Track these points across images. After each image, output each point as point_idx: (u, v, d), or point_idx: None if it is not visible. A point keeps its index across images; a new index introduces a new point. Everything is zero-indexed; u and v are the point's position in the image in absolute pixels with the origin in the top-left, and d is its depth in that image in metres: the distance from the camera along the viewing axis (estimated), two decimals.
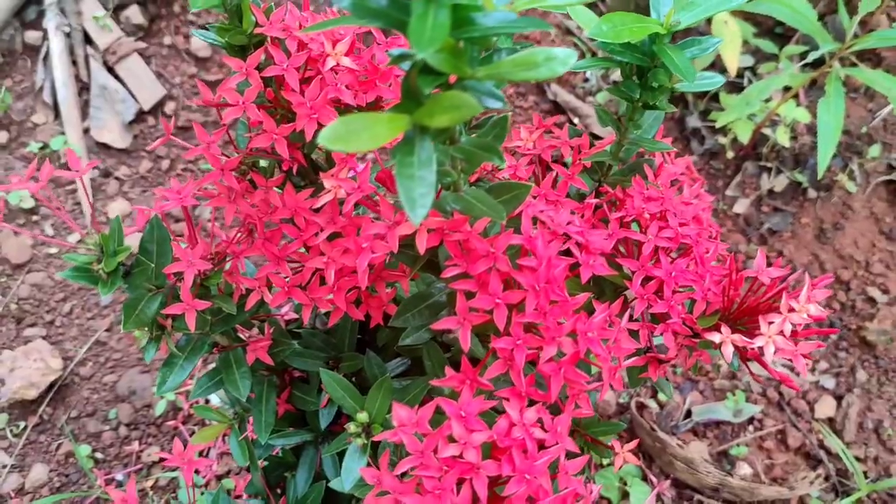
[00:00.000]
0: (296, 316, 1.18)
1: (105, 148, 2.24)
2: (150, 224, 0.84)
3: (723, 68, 2.14)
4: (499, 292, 0.69)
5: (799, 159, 2.26)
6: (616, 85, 0.91)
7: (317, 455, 1.11)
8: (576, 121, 2.35)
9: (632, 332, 0.86)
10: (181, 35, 2.42)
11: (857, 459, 1.83)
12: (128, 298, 0.83)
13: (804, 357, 0.80)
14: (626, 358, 0.86)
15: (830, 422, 1.89)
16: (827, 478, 1.81)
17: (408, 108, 0.54)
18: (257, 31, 0.79)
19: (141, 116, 2.30)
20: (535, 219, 0.80)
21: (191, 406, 1.74)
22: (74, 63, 2.32)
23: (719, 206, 2.24)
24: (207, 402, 1.76)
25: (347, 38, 0.79)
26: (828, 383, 1.95)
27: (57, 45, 2.29)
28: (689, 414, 1.87)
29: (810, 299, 0.81)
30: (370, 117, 0.51)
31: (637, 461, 1.05)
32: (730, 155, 2.29)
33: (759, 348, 0.79)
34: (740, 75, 2.34)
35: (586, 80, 2.45)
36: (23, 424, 1.82)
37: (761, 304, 0.84)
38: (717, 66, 2.31)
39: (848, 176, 2.22)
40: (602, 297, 0.96)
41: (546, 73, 0.54)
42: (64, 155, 2.21)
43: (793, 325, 0.80)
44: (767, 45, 2.27)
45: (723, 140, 2.28)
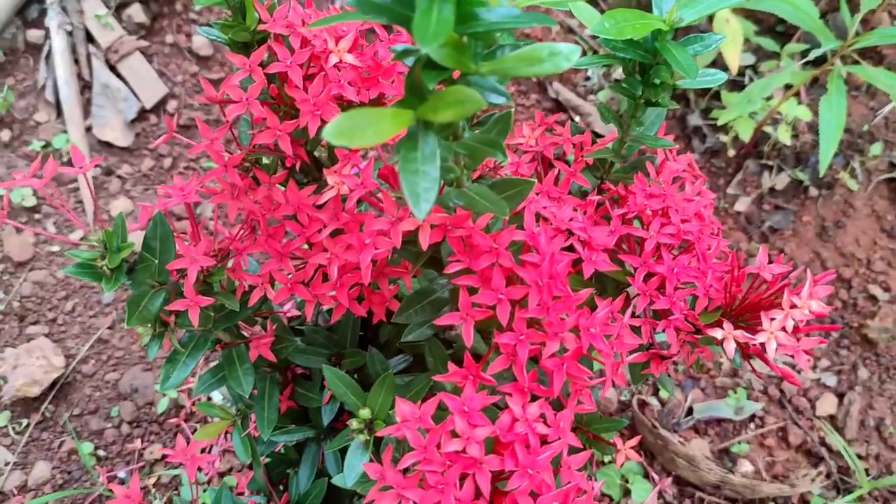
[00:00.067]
0: (298, 313, 1.18)
1: (107, 146, 2.25)
2: (154, 220, 0.84)
3: (724, 66, 2.14)
4: (502, 288, 0.69)
5: (800, 157, 2.26)
6: (618, 82, 0.91)
7: (319, 452, 1.11)
8: (577, 119, 2.35)
9: (634, 328, 0.86)
10: (183, 33, 2.42)
11: (859, 457, 1.83)
12: (131, 295, 0.83)
13: (806, 353, 0.80)
14: (629, 354, 0.86)
15: (832, 419, 1.89)
16: (828, 475, 1.81)
17: (412, 104, 0.54)
18: (261, 27, 0.79)
19: (143, 115, 2.30)
20: (538, 215, 0.80)
21: (193, 403, 1.74)
22: (76, 61, 2.32)
23: (721, 205, 2.24)
24: (210, 399, 1.76)
25: (350, 35, 0.79)
26: (829, 381, 1.95)
27: (59, 43, 2.29)
28: (690, 411, 1.88)
29: (812, 296, 0.81)
30: (374, 112, 0.51)
31: (639, 458, 1.05)
32: (731, 153, 2.29)
33: (761, 344, 0.79)
34: (742, 73, 2.34)
35: (588, 79, 2.45)
36: (25, 422, 1.82)
37: (763, 300, 0.84)
38: (718, 65, 2.31)
39: (849, 174, 2.22)
40: (604, 293, 0.96)
41: (550, 68, 0.54)
42: (66, 153, 2.21)
43: (795, 321, 0.79)
44: (769, 43, 2.27)
45: (724, 138, 2.28)
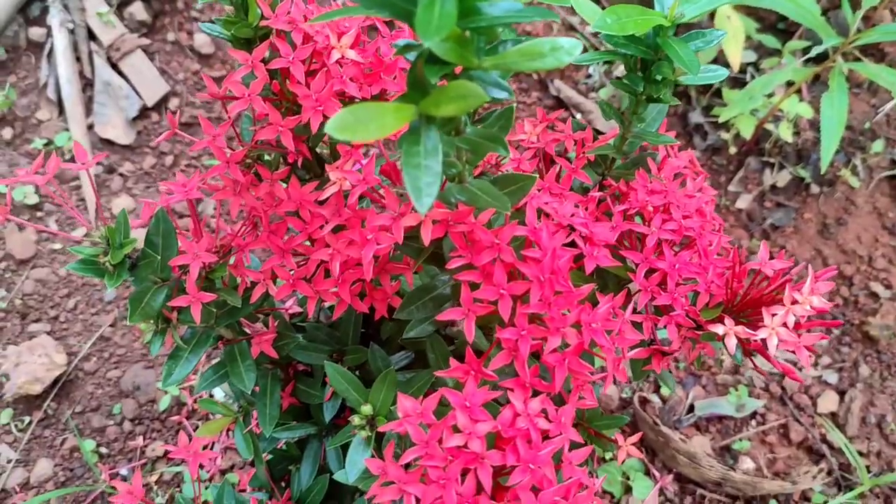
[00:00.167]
0: (300, 310, 1.19)
1: (109, 144, 2.25)
2: (156, 217, 0.84)
3: (725, 63, 2.14)
4: (503, 283, 0.69)
5: (802, 154, 2.26)
6: (619, 79, 0.91)
7: (321, 448, 1.11)
8: (578, 116, 2.35)
9: (635, 323, 0.86)
10: (185, 31, 2.42)
11: (860, 454, 1.83)
12: (134, 291, 0.83)
13: (807, 349, 0.80)
14: (630, 350, 0.86)
15: (833, 416, 1.89)
16: (829, 472, 1.81)
17: (414, 98, 0.54)
18: (263, 23, 0.79)
19: (144, 113, 2.31)
20: (540, 211, 0.80)
21: (195, 400, 1.75)
22: (78, 59, 2.32)
23: (722, 202, 2.23)
24: (211, 396, 1.77)
25: (352, 31, 0.79)
26: (830, 378, 1.95)
27: (61, 41, 2.29)
28: (691, 409, 1.88)
29: (813, 291, 0.81)
30: (377, 107, 0.51)
31: (640, 455, 1.05)
32: (732, 150, 2.29)
33: (762, 340, 0.79)
34: (743, 71, 2.34)
35: (589, 77, 2.44)
36: (28, 419, 1.82)
37: (764, 296, 0.84)
38: (719, 62, 2.31)
39: (851, 171, 2.21)
40: (605, 289, 0.96)
41: (552, 62, 0.54)
42: (68, 151, 2.21)
43: (796, 317, 0.79)
44: (770, 41, 2.27)
45: (725, 135, 2.28)
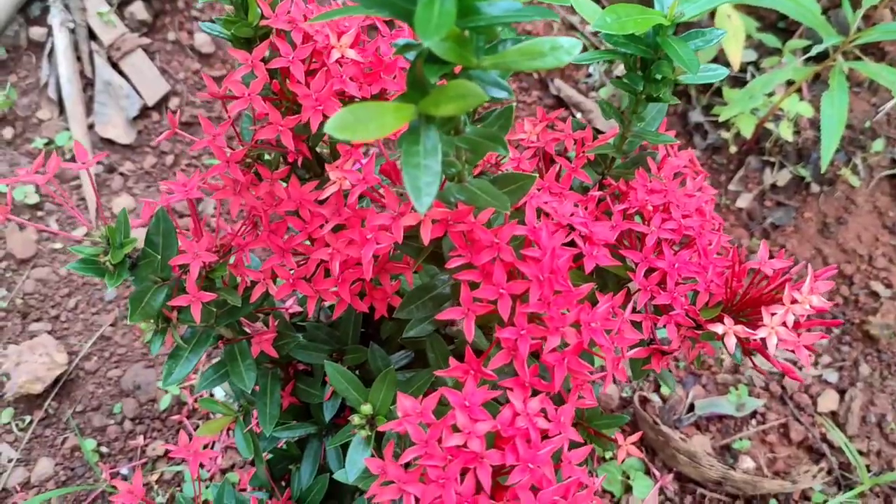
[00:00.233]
0: (300, 309, 1.19)
1: (109, 143, 2.25)
2: (156, 216, 0.84)
3: (726, 63, 2.13)
4: (503, 282, 0.69)
5: (802, 154, 2.26)
6: (620, 78, 0.91)
7: (321, 447, 1.11)
8: (578, 116, 2.35)
9: (635, 323, 0.86)
10: (185, 31, 2.42)
11: (860, 453, 1.83)
12: (134, 290, 0.83)
13: (807, 348, 0.80)
14: (630, 349, 0.86)
15: (833, 416, 1.89)
16: (829, 471, 1.81)
17: (413, 98, 0.54)
18: (263, 23, 0.79)
19: (145, 112, 2.31)
20: (540, 210, 0.80)
21: (195, 400, 1.75)
22: (79, 59, 2.32)
23: (722, 201, 2.23)
24: (212, 395, 1.77)
25: (352, 30, 0.79)
26: (831, 377, 1.95)
27: (61, 41, 2.30)
28: (691, 408, 1.88)
29: (813, 290, 0.81)
30: (376, 106, 0.51)
31: (640, 454, 1.05)
32: (733, 150, 2.29)
33: (761, 339, 0.79)
34: (743, 70, 2.34)
35: (589, 76, 2.44)
36: (28, 419, 1.82)
37: (764, 295, 0.84)
38: (719, 61, 2.31)
39: (851, 170, 2.21)
40: (605, 288, 0.96)
41: (552, 61, 0.54)
42: (69, 151, 2.21)
43: (795, 315, 0.79)
44: (770, 40, 2.27)
45: (726, 135, 2.28)
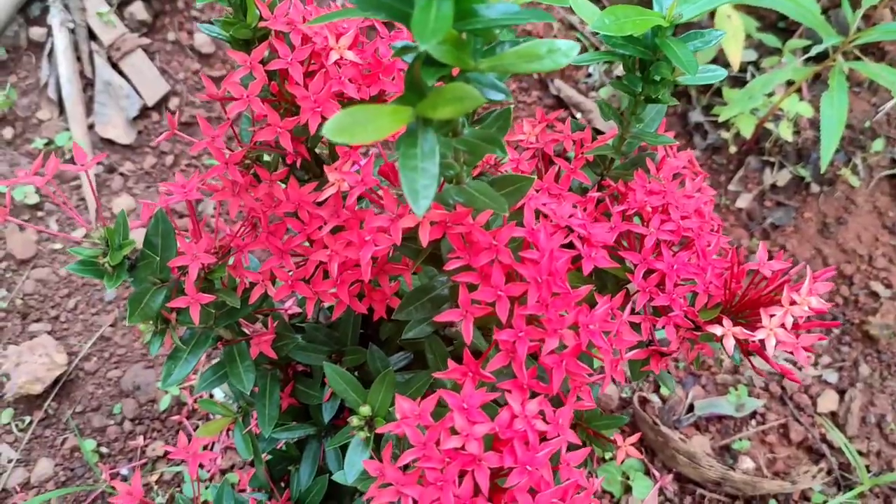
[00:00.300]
0: (299, 310, 1.19)
1: (109, 144, 2.25)
2: (155, 218, 0.84)
3: (726, 63, 2.13)
4: (501, 285, 0.69)
5: (802, 154, 2.26)
6: (619, 79, 0.91)
7: (320, 448, 1.11)
8: (578, 116, 2.35)
9: (634, 324, 0.86)
10: (185, 31, 2.42)
11: (860, 453, 1.83)
12: (133, 292, 0.84)
13: (805, 350, 0.80)
14: (628, 351, 0.86)
15: (833, 416, 1.89)
16: (829, 472, 1.81)
17: (411, 100, 0.54)
18: (261, 24, 0.80)
19: (145, 112, 2.31)
20: (538, 212, 0.80)
21: (195, 400, 1.75)
22: (79, 59, 2.33)
23: (722, 201, 2.23)
24: (211, 396, 1.77)
25: (351, 32, 0.79)
26: (830, 378, 1.95)
27: (61, 41, 2.30)
28: (691, 408, 1.88)
29: (812, 292, 0.81)
30: (374, 109, 0.51)
31: (639, 455, 1.06)
32: (732, 150, 2.29)
33: (760, 341, 0.79)
34: (743, 70, 2.34)
35: (589, 76, 2.44)
36: (28, 419, 1.83)
37: (763, 297, 0.84)
38: (719, 61, 2.30)
39: (851, 170, 2.21)
40: (604, 290, 0.96)
41: (549, 64, 0.54)
42: (68, 151, 2.21)
43: (794, 317, 0.79)
44: (770, 40, 2.26)
45: (725, 135, 2.28)
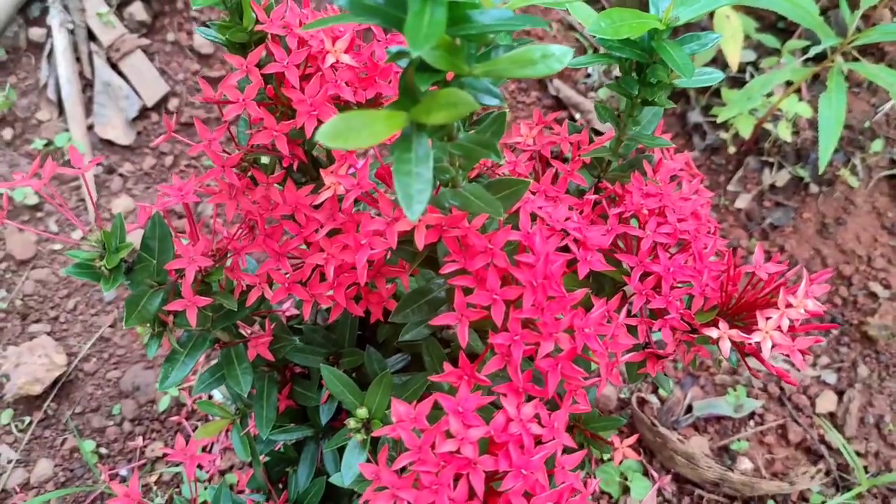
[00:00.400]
0: (297, 312, 1.19)
1: (109, 144, 2.25)
2: (152, 221, 0.85)
3: (725, 63, 2.13)
4: (496, 288, 0.69)
5: (801, 154, 2.26)
6: (617, 80, 0.91)
7: (318, 450, 1.11)
8: (577, 116, 2.35)
9: (630, 327, 0.86)
10: (184, 32, 2.42)
11: (858, 454, 1.83)
12: (130, 295, 0.84)
13: (801, 352, 0.80)
14: (625, 353, 0.86)
15: (831, 417, 1.89)
16: (827, 472, 1.81)
17: (405, 106, 0.54)
18: (258, 28, 0.80)
19: (144, 113, 2.31)
20: (534, 215, 0.80)
21: (194, 402, 1.75)
22: (78, 60, 2.33)
23: (721, 202, 2.23)
24: (210, 397, 1.77)
25: (347, 35, 0.79)
26: (829, 378, 1.95)
27: (61, 41, 2.30)
28: (689, 409, 1.88)
29: (808, 295, 0.81)
30: (369, 114, 0.51)
31: (637, 456, 1.06)
32: (731, 150, 2.29)
33: (756, 344, 0.79)
34: (742, 70, 2.34)
35: (588, 76, 2.44)
36: (28, 420, 1.83)
37: (759, 299, 0.84)
38: (718, 61, 2.31)
39: (850, 171, 2.21)
40: (601, 292, 0.96)
41: (543, 69, 0.54)
42: (68, 151, 2.21)
43: (790, 320, 0.80)
44: (769, 40, 2.26)
45: (724, 135, 2.28)
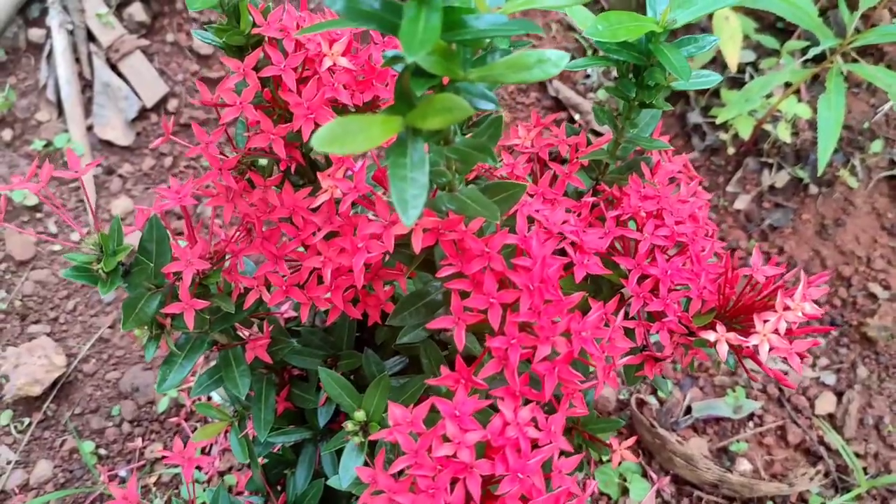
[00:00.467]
0: (295, 314, 1.19)
1: (108, 145, 2.25)
2: (150, 223, 0.85)
3: (724, 64, 2.13)
4: (493, 292, 0.69)
5: (800, 155, 2.26)
6: (616, 80, 0.91)
7: (316, 452, 1.11)
8: (577, 117, 2.35)
9: (628, 330, 0.86)
10: (184, 32, 2.42)
11: (857, 455, 1.83)
12: (127, 298, 0.84)
13: (799, 355, 0.80)
14: (622, 356, 0.86)
15: (831, 418, 1.89)
16: (827, 474, 1.81)
17: (401, 110, 0.54)
18: (255, 31, 0.80)
19: (144, 114, 2.31)
20: (531, 218, 0.80)
21: (193, 403, 1.75)
22: (78, 60, 2.33)
23: (720, 203, 2.23)
24: (209, 399, 1.77)
25: (344, 38, 0.79)
26: (828, 379, 1.95)
27: (60, 42, 2.30)
28: (689, 410, 1.88)
29: (806, 297, 0.81)
30: (364, 119, 0.52)
31: (635, 459, 1.06)
32: (731, 151, 2.29)
33: (753, 347, 0.79)
34: (742, 71, 2.34)
35: (588, 77, 2.44)
36: (27, 421, 1.83)
37: (757, 302, 0.84)
38: (717, 62, 2.31)
39: (849, 171, 2.21)
40: (599, 294, 0.96)
41: (539, 74, 0.54)
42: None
43: (788, 323, 0.80)
44: (769, 41, 2.26)
45: (724, 136, 2.28)
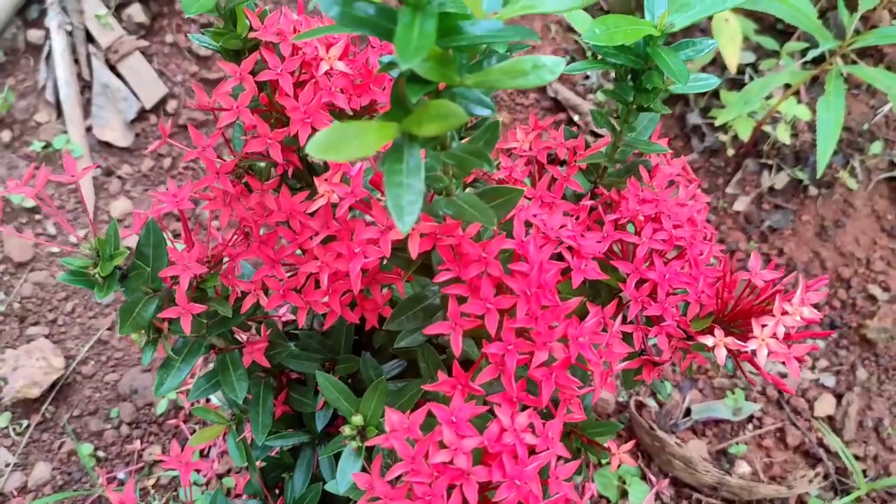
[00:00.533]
0: (293, 317, 1.19)
1: (107, 146, 2.25)
2: (147, 227, 0.84)
3: (723, 65, 2.13)
4: (490, 297, 0.69)
5: (800, 156, 2.26)
6: (616, 82, 0.90)
7: (314, 456, 1.11)
8: (576, 118, 2.34)
9: (626, 334, 0.86)
10: (183, 33, 2.42)
11: (857, 458, 1.82)
12: (124, 302, 0.84)
13: (797, 360, 0.80)
14: (621, 361, 0.86)
15: (830, 420, 1.89)
16: (826, 476, 1.81)
17: (397, 116, 0.54)
18: (252, 35, 0.79)
19: (143, 115, 2.31)
20: (529, 223, 0.80)
21: (192, 405, 1.75)
22: (77, 61, 2.32)
23: (719, 204, 2.23)
24: (208, 401, 1.77)
25: (341, 43, 0.79)
26: (828, 381, 1.94)
27: (59, 43, 2.30)
28: (688, 412, 1.88)
29: (804, 302, 0.81)
30: (360, 125, 0.51)
31: (634, 462, 1.06)
32: (730, 152, 2.28)
33: (752, 351, 0.79)
34: (741, 72, 2.34)
35: (587, 78, 2.44)
36: (25, 423, 1.83)
37: (755, 306, 0.84)
38: (717, 63, 2.30)
39: (849, 173, 2.21)
40: (597, 297, 0.96)
41: (535, 80, 0.54)
42: (67, 153, 2.21)
43: (786, 327, 0.79)
44: (768, 42, 2.26)
45: (723, 137, 2.28)
